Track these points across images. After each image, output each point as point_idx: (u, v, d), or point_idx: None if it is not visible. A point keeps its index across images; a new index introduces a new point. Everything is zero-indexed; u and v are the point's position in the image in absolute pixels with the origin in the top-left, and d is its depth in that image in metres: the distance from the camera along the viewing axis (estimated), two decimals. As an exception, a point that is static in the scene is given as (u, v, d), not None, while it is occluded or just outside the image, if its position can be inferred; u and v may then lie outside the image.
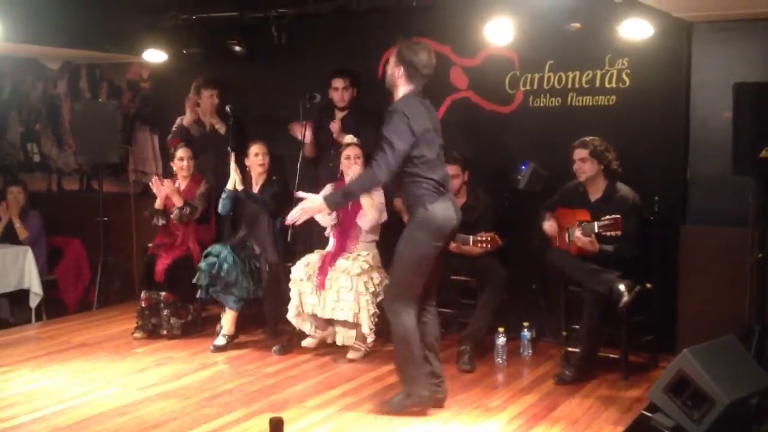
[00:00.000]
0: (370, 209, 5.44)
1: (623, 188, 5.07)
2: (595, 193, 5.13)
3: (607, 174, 5.09)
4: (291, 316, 5.54)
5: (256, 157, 5.84)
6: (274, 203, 5.78)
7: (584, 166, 5.07)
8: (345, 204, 5.03)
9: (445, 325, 5.76)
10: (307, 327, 5.58)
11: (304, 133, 5.63)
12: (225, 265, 5.64)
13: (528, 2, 5.42)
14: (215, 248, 5.77)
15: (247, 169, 5.91)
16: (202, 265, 5.69)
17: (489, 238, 5.23)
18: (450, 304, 5.75)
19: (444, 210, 4.27)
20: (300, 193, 4.47)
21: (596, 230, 4.82)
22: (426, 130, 4.24)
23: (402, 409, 4.41)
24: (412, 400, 4.41)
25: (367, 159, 5.43)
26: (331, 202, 4.33)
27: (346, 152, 5.57)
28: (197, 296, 5.86)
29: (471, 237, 5.28)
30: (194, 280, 5.73)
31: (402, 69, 4.26)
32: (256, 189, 5.90)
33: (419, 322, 4.42)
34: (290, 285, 5.54)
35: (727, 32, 5.24)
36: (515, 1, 5.44)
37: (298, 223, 4.45)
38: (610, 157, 5.05)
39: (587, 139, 5.09)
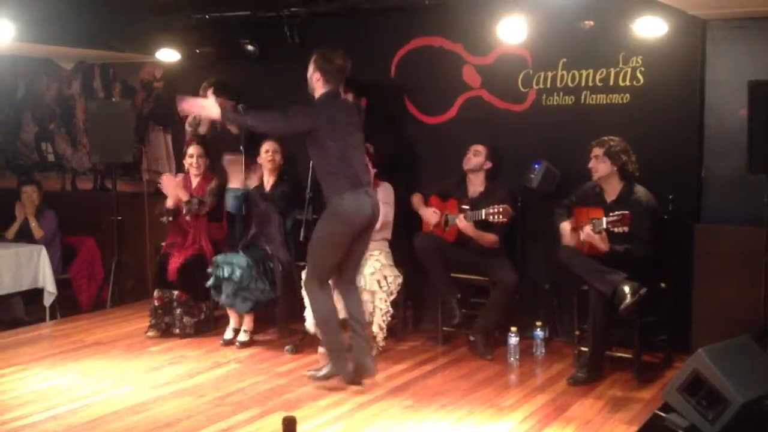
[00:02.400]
0: None
1: (640, 190, 5.02)
2: (611, 194, 5.09)
3: (622, 176, 5.05)
4: (308, 324, 5.49)
5: (266, 153, 5.85)
6: (284, 202, 5.78)
7: (597, 164, 5.05)
8: (235, 124, 5.53)
9: (458, 324, 5.74)
10: None
11: None
12: (238, 271, 5.64)
13: (541, 0, 5.40)
14: (228, 257, 5.77)
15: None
16: (215, 271, 5.72)
17: (501, 209, 5.19)
18: (461, 303, 5.72)
19: (356, 201, 4.60)
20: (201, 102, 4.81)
21: (604, 226, 4.79)
22: (336, 125, 4.60)
23: (326, 381, 4.82)
24: (336, 373, 4.79)
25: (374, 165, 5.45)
26: (224, 117, 4.75)
27: None
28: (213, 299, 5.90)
29: (483, 210, 5.26)
30: (207, 284, 5.82)
31: (318, 74, 4.67)
32: (267, 187, 5.90)
33: (344, 300, 4.86)
34: (303, 293, 5.51)
35: (742, 30, 5.21)
36: (528, -1, 5.43)
37: (184, 112, 5.22)
38: (624, 159, 5.01)
39: (606, 138, 5.06)
